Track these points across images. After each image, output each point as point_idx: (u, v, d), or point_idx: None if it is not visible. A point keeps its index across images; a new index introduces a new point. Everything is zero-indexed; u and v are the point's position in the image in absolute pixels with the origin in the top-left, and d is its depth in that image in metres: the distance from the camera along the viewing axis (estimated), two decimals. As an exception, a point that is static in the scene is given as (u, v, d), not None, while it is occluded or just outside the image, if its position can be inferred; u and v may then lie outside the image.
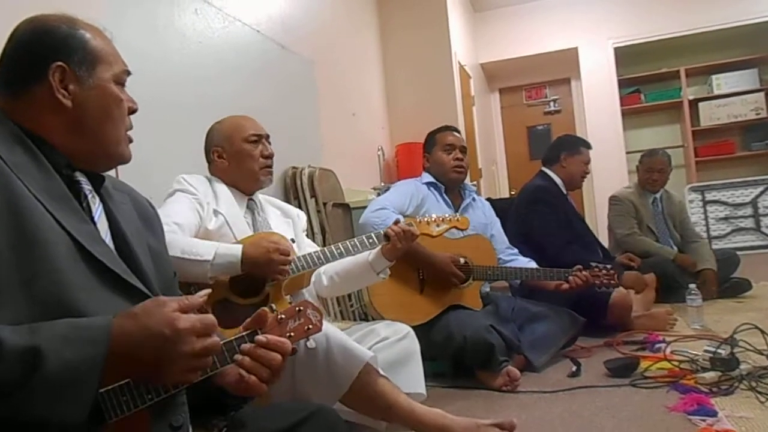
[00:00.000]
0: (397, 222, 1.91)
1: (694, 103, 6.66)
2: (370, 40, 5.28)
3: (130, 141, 1.08)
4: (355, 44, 4.90)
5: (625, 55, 6.66)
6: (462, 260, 2.49)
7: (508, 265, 2.72)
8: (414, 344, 1.89)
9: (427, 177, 2.79)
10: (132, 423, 0.85)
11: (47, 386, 0.73)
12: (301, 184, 3.34)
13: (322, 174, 3.54)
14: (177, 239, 1.60)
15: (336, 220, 3.55)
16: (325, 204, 3.49)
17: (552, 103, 7.55)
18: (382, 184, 4.53)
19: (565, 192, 3.36)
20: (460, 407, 2.05)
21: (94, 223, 0.99)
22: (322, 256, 1.81)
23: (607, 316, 2.93)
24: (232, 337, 0.99)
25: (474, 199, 2.87)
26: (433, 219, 2.00)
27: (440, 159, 2.75)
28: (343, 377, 1.50)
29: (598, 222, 5.90)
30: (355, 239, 1.88)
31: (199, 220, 1.76)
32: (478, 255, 2.57)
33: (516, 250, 2.86)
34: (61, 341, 0.76)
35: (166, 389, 0.86)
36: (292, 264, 1.71)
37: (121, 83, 1.05)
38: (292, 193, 3.35)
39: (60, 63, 0.97)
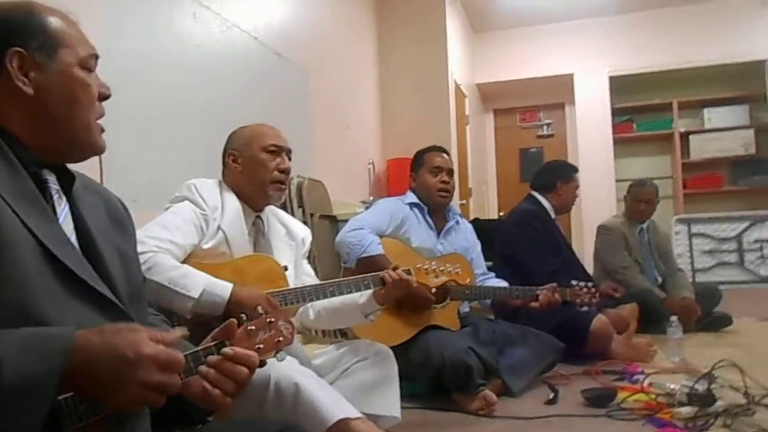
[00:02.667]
0: (395, 268, 1.84)
1: (685, 136, 6.73)
2: (368, 53, 5.30)
3: (103, 130, 1.03)
4: (352, 57, 4.91)
5: (619, 84, 6.74)
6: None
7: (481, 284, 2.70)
8: (393, 367, 1.86)
9: (411, 197, 2.76)
10: None
11: (3, 395, 0.71)
12: (289, 193, 3.32)
13: (311, 184, 3.52)
14: (166, 264, 1.54)
15: (322, 231, 3.54)
16: (312, 215, 3.48)
17: (545, 127, 7.60)
18: (371, 198, 4.52)
19: (553, 216, 3.36)
20: (434, 431, 2.02)
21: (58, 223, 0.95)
22: (312, 294, 1.74)
23: (588, 343, 2.92)
24: (199, 348, 0.96)
25: (458, 222, 2.85)
26: (432, 269, 1.91)
27: (426, 181, 2.73)
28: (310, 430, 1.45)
29: (585, 248, 5.91)
30: (351, 279, 1.81)
31: (198, 239, 1.69)
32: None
33: (491, 275, 2.85)
34: (19, 350, 0.73)
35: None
36: (281, 297, 1.66)
37: (88, 67, 1.00)
38: (279, 201, 3.33)
39: (17, 49, 0.92)
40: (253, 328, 1.03)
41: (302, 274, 1.93)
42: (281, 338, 1.06)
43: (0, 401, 0.71)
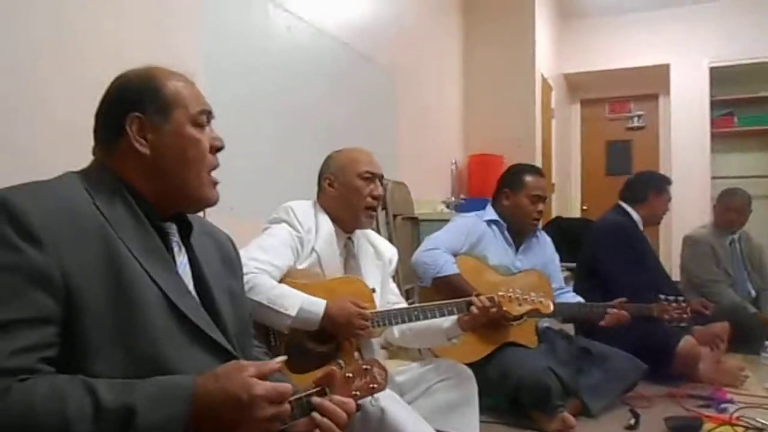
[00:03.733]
0: (478, 295, 1.88)
1: (790, 132, 6.27)
2: (453, 50, 5.26)
3: (215, 182, 1.11)
4: (437, 55, 4.89)
5: (720, 76, 6.33)
6: None
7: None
8: (473, 388, 1.90)
9: (491, 213, 2.70)
10: None
11: None
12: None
13: (395, 187, 3.59)
14: (266, 284, 1.65)
15: (404, 232, 3.60)
16: (395, 216, 3.55)
17: (636, 119, 7.27)
18: (453, 198, 4.52)
19: (641, 228, 3.26)
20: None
21: (180, 274, 1.05)
22: (399, 317, 1.83)
23: (673, 364, 2.84)
24: (303, 393, 1.05)
25: (536, 237, 2.81)
26: (516, 296, 1.92)
27: (523, 206, 2.63)
28: None
29: (674, 256, 5.64)
30: (437, 304, 1.87)
31: (293, 260, 1.80)
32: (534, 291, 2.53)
33: (568, 289, 2.81)
34: (151, 401, 0.83)
35: None
36: (371, 319, 1.75)
37: (199, 124, 1.07)
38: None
39: (136, 114, 1.02)
40: (351, 374, 1.11)
41: (388, 294, 2.00)
42: (375, 384, 1.15)
43: None
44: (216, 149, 1.11)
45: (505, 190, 2.72)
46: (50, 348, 0.86)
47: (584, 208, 7.17)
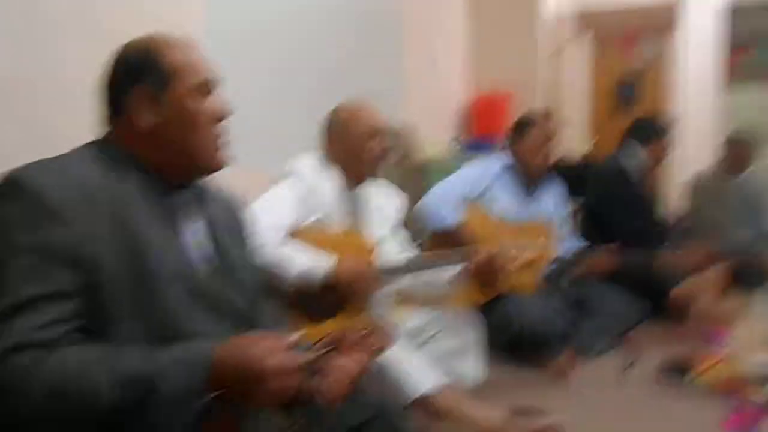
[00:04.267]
0: (479, 248, 1.93)
1: (807, 66, 6.10)
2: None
3: (221, 147, 1.12)
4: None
5: (737, 7, 6.10)
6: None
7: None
8: (476, 333, 1.99)
9: (503, 160, 2.72)
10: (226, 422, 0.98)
11: (160, 405, 0.87)
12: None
13: (401, 131, 3.57)
14: (272, 246, 1.70)
15: (410, 176, 3.61)
16: (403, 158, 3.55)
17: (646, 54, 7.08)
18: (460, 138, 4.50)
19: (645, 171, 3.25)
20: (513, 393, 2.16)
21: (188, 245, 1.09)
22: (402, 270, 1.89)
23: (672, 304, 2.91)
24: (313, 355, 1.11)
25: (547, 183, 2.82)
26: (518, 249, 1.97)
27: (534, 148, 2.65)
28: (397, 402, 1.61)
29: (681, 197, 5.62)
30: (439, 255, 1.94)
31: (301, 216, 1.84)
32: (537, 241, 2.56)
33: (573, 236, 2.85)
34: (173, 368, 0.89)
35: None
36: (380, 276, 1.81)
37: (201, 93, 1.08)
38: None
39: (138, 86, 1.04)
40: (358, 336, 1.18)
41: (395, 244, 2.05)
42: (382, 344, 1.22)
43: (158, 408, 0.88)
44: (220, 117, 1.11)
45: (513, 136, 2.75)
46: (76, 319, 0.91)
47: (592, 143, 7.10)
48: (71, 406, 0.85)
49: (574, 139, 6.76)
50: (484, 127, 4.86)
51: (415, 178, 3.66)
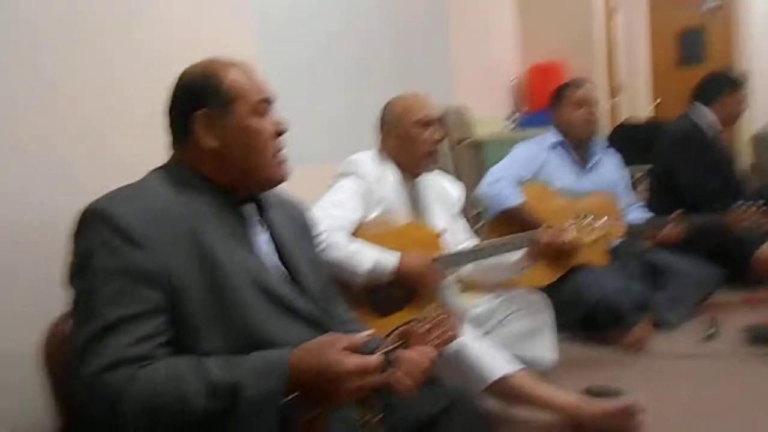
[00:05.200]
0: (547, 227, 1.91)
1: None
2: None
3: (282, 161, 1.17)
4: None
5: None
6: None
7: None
8: (547, 315, 1.98)
9: (553, 136, 2.68)
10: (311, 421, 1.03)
11: (245, 412, 0.93)
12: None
13: (454, 112, 3.55)
14: (339, 242, 1.74)
15: (467, 158, 3.60)
16: (457, 142, 3.54)
17: (710, 2, 6.69)
18: (516, 114, 4.42)
19: (718, 132, 3.10)
20: (587, 372, 2.14)
21: (260, 255, 1.14)
22: (467, 258, 1.90)
23: (751, 270, 2.79)
24: (385, 349, 1.15)
25: (603, 155, 2.75)
26: (585, 224, 1.92)
27: (569, 116, 2.63)
28: (471, 388, 1.63)
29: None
30: (504, 241, 1.93)
31: (364, 212, 1.87)
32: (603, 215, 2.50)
33: (637, 205, 2.76)
34: (254, 376, 0.95)
35: None
36: (440, 263, 1.82)
37: (260, 112, 1.14)
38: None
39: (201, 111, 1.10)
40: (428, 327, 1.21)
41: (457, 233, 2.06)
42: (451, 333, 1.24)
43: (243, 415, 0.94)
44: (279, 133, 1.17)
45: (553, 110, 2.73)
46: (163, 334, 0.99)
47: (657, 102, 6.80)
48: (164, 416, 0.92)
49: (636, 102, 6.51)
50: (539, 101, 4.74)
51: (473, 160, 3.64)
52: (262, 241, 1.18)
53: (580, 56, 4.61)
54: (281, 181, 1.19)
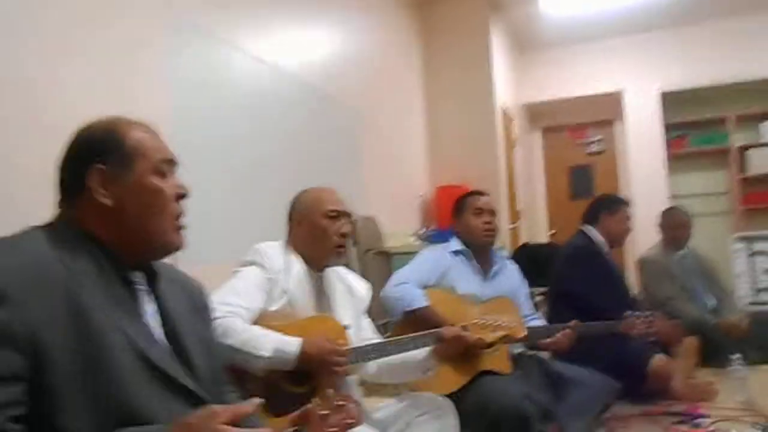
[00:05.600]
0: (452, 324, 1.91)
1: (742, 150, 6.53)
2: (414, 83, 5.39)
3: (180, 228, 1.11)
4: (399, 88, 5.01)
5: (671, 100, 6.59)
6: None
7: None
8: (453, 420, 1.90)
9: (455, 244, 2.75)
10: None
11: None
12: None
13: (365, 222, 3.61)
14: (238, 328, 1.64)
15: (376, 266, 3.61)
16: (366, 251, 3.56)
17: (595, 144, 7.49)
18: (423, 230, 4.57)
19: (606, 250, 3.34)
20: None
21: (146, 324, 1.04)
22: (373, 352, 1.83)
23: (646, 382, 2.89)
24: (283, 432, 1.05)
25: (503, 265, 2.86)
26: (488, 323, 1.96)
27: (470, 223, 2.73)
28: None
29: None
30: (410, 337, 1.89)
31: (265, 302, 1.78)
32: (505, 317, 2.55)
33: (536, 316, 2.85)
34: None
35: None
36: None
37: (162, 173, 1.08)
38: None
39: (98, 166, 1.03)
40: (327, 412, 1.11)
41: (362, 330, 2.00)
42: (351, 420, 1.16)
43: None
44: (180, 197, 1.11)
45: (455, 218, 2.81)
46: (18, 406, 0.85)
47: (552, 232, 7.29)
48: None
49: (533, 229, 6.95)
50: (445, 219, 4.93)
51: (381, 269, 3.66)
52: (149, 312, 1.08)
53: (484, 181, 4.91)
54: (177, 248, 1.11)
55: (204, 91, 2.64)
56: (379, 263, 3.66)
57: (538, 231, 7.25)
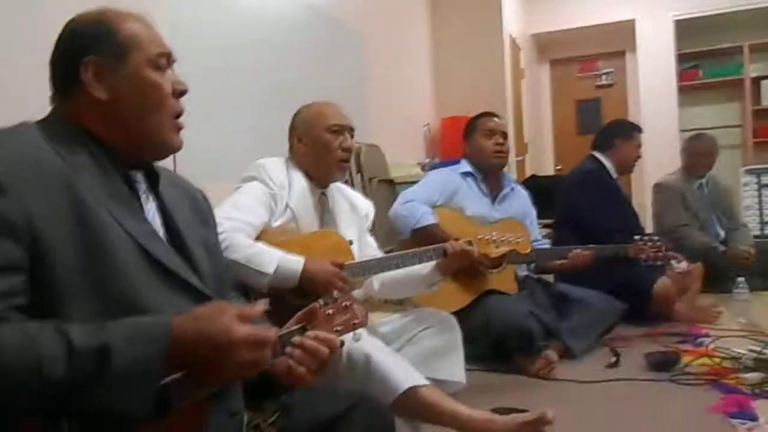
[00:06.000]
0: (457, 239, 1.88)
1: (756, 81, 6.36)
2: (420, 11, 5.21)
3: (180, 128, 1.06)
4: (405, 16, 4.85)
5: (685, 28, 6.37)
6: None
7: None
8: (457, 335, 1.92)
9: (465, 166, 2.75)
10: (191, 410, 0.90)
11: (115, 381, 0.78)
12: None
13: (369, 149, 3.57)
14: (242, 243, 1.63)
15: (381, 195, 3.59)
16: (371, 180, 3.53)
17: (604, 77, 7.31)
18: (427, 159, 4.52)
19: (615, 176, 3.30)
20: (497, 395, 2.09)
21: (148, 221, 1.02)
22: (377, 266, 1.83)
23: (650, 305, 2.91)
24: (284, 331, 1.04)
25: (512, 189, 2.83)
26: (493, 239, 1.94)
27: (480, 144, 2.71)
28: (380, 398, 1.54)
29: (647, 204, 5.74)
30: (414, 251, 1.88)
31: (268, 218, 1.77)
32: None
33: (544, 242, 2.85)
34: (126, 340, 0.80)
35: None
36: (347, 271, 1.73)
37: (159, 67, 1.03)
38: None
39: (91, 58, 0.98)
40: (332, 311, 1.10)
41: (366, 247, 1.99)
42: (356, 320, 1.14)
43: (114, 386, 0.79)
44: (179, 93, 1.06)
45: (466, 140, 2.80)
46: (19, 296, 0.83)
47: (558, 167, 7.22)
48: (14, 387, 0.75)
49: (540, 163, 6.88)
50: (450, 150, 4.89)
51: (385, 198, 3.63)
52: (150, 212, 1.04)
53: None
54: (176, 149, 1.07)
55: (207, 12, 2.55)
56: (384, 192, 3.63)
57: (545, 165, 7.18)
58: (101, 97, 0.99)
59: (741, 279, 2.98)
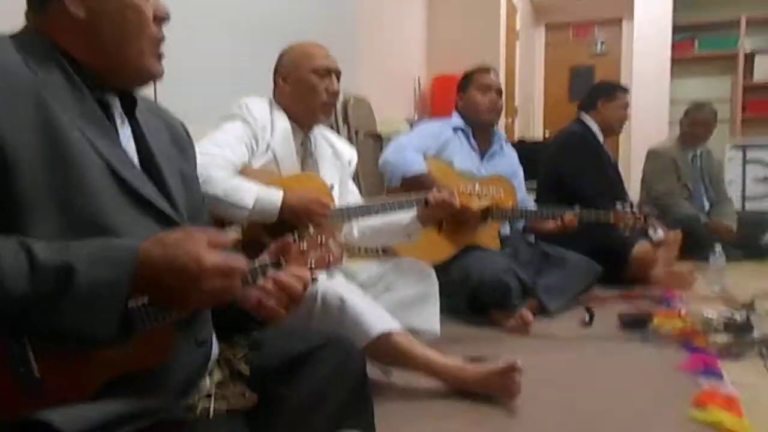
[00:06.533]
0: (440, 189, 1.87)
1: (750, 56, 6.33)
2: (416, -37, 5.08)
3: (161, 55, 1.02)
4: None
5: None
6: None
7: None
8: (434, 285, 1.93)
9: (456, 120, 2.72)
10: (157, 336, 0.89)
11: (77, 301, 0.77)
12: (335, 110, 3.32)
13: (356, 102, 3.51)
14: (220, 178, 1.60)
15: (367, 149, 3.56)
16: (357, 132, 3.49)
17: (599, 45, 7.24)
18: (416, 116, 4.48)
19: (601, 139, 3.28)
20: (470, 346, 2.10)
21: (120, 144, 0.98)
22: (358, 212, 1.81)
23: (628, 268, 2.94)
24: (256, 264, 1.02)
25: (502, 147, 2.82)
26: (476, 192, 1.92)
27: (474, 99, 2.68)
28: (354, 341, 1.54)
29: (633, 171, 5.77)
30: (394, 199, 1.87)
31: (248, 157, 1.74)
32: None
33: (530, 202, 2.85)
34: (90, 260, 0.78)
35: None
36: (330, 216, 1.72)
37: None
38: (324, 118, 3.35)
39: None
40: (306, 247, 1.08)
41: (347, 194, 1.98)
42: (332, 257, 1.12)
43: (76, 306, 0.77)
44: (161, 18, 1.01)
45: (459, 94, 2.77)
46: None
47: (546, 134, 7.20)
48: None
49: (528, 128, 6.85)
50: (440, 109, 4.84)
51: (371, 152, 3.60)
52: (124, 137, 1.01)
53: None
54: (157, 76, 1.02)
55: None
56: (370, 145, 3.60)
57: (534, 130, 7.16)
58: (79, 14, 0.93)
59: (718, 248, 3.01)
